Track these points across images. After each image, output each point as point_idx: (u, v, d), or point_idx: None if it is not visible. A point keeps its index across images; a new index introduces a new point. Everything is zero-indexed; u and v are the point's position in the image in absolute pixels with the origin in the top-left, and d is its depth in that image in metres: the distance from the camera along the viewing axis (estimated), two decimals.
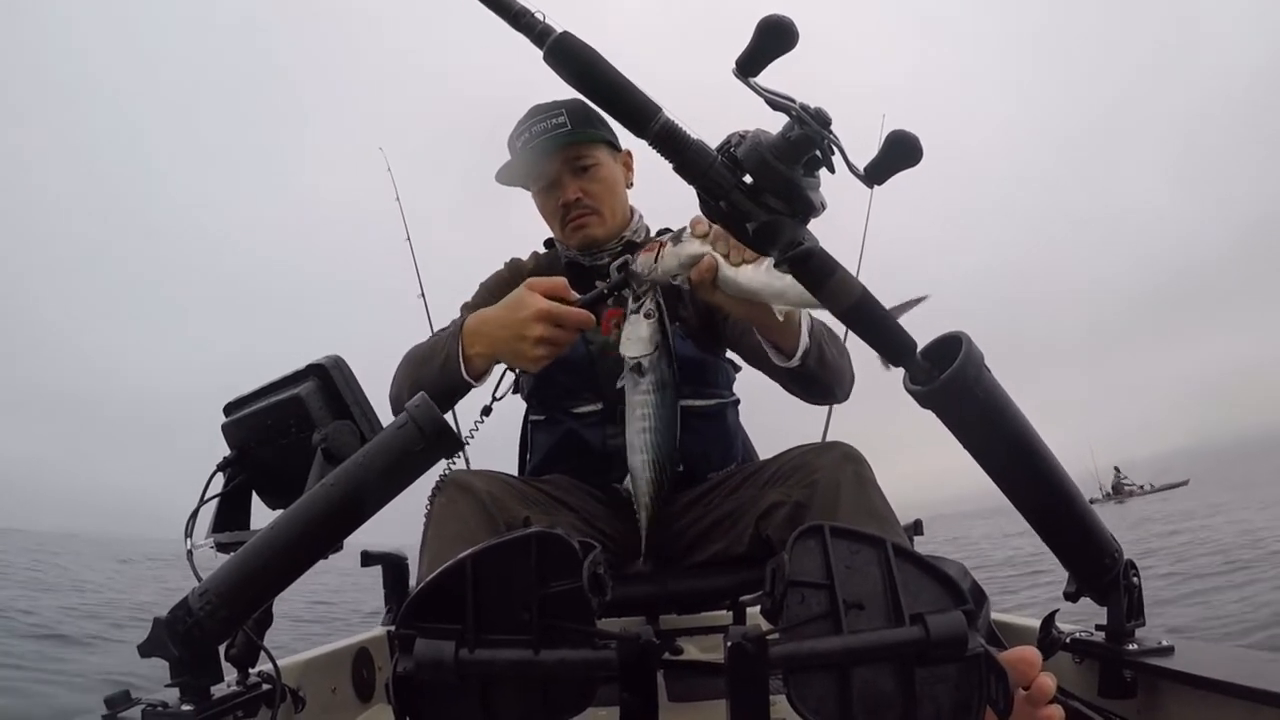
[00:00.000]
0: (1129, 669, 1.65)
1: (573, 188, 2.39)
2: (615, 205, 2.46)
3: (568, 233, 2.44)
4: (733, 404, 2.51)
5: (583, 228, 2.41)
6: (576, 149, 2.37)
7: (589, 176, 2.41)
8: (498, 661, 1.07)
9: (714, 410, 2.40)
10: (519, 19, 1.29)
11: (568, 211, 2.41)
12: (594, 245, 2.43)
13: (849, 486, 1.91)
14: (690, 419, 2.30)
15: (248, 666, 1.79)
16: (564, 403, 2.36)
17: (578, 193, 2.39)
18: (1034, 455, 1.43)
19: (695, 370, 2.35)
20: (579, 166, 2.40)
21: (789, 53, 1.26)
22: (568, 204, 2.40)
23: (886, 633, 1.08)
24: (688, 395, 2.30)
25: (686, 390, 2.29)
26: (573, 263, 2.48)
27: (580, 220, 2.41)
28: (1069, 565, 1.59)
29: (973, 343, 1.34)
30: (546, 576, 1.10)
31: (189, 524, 1.84)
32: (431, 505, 1.91)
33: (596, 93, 1.32)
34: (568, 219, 2.41)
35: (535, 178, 2.45)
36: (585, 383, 2.28)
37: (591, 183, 2.41)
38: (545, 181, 2.43)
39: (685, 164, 1.30)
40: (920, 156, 1.28)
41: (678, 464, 2.03)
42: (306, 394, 1.84)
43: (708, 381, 2.41)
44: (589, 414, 2.32)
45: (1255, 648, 5.46)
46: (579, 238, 2.42)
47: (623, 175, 2.53)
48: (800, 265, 1.31)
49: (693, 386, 2.34)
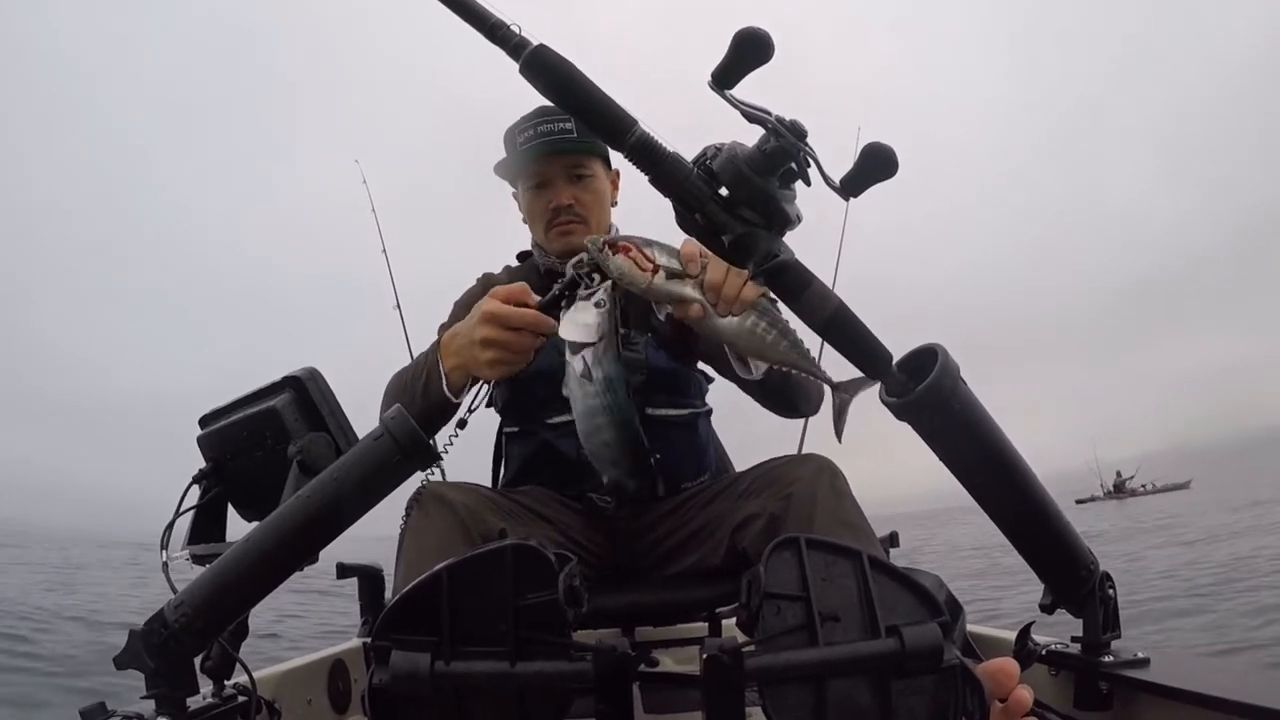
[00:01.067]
0: (1105, 680, 1.66)
1: (566, 193, 2.41)
2: (601, 218, 2.49)
3: (551, 236, 2.45)
4: (705, 414, 2.51)
5: (568, 234, 2.42)
6: (577, 157, 2.40)
7: (583, 185, 2.44)
8: (474, 674, 1.07)
9: (686, 420, 2.40)
10: (495, 32, 1.29)
11: (556, 215, 2.43)
12: (576, 253, 2.40)
13: (825, 498, 1.91)
14: (663, 428, 2.30)
15: (224, 679, 1.79)
16: (538, 414, 2.35)
17: (570, 199, 2.41)
18: (1010, 467, 1.43)
19: (668, 380, 2.37)
20: (575, 174, 2.42)
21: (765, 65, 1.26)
22: (559, 208, 2.42)
23: (862, 645, 1.08)
24: (661, 404, 2.32)
25: (660, 399, 2.32)
26: (551, 270, 2.47)
27: (568, 226, 2.42)
28: (1045, 577, 1.60)
29: (949, 355, 1.35)
30: (522, 588, 1.09)
31: (165, 536, 1.84)
32: (407, 518, 1.91)
33: (572, 105, 1.32)
34: (554, 222, 2.44)
35: (529, 175, 2.46)
36: (558, 393, 2.28)
37: (585, 192, 2.44)
38: (539, 181, 2.45)
39: (661, 176, 1.30)
40: (895, 169, 1.29)
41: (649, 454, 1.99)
42: (282, 406, 1.83)
43: (680, 391, 2.41)
44: (563, 424, 2.29)
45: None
46: (563, 243, 2.43)
47: (610, 192, 2.55)
48: (776, 278, 1.32)
49: (666, 396, 2.35)
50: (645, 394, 2.29)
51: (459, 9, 1.30)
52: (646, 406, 2.29)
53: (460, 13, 1.30)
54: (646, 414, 2.28)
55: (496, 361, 1.75)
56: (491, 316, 1.73)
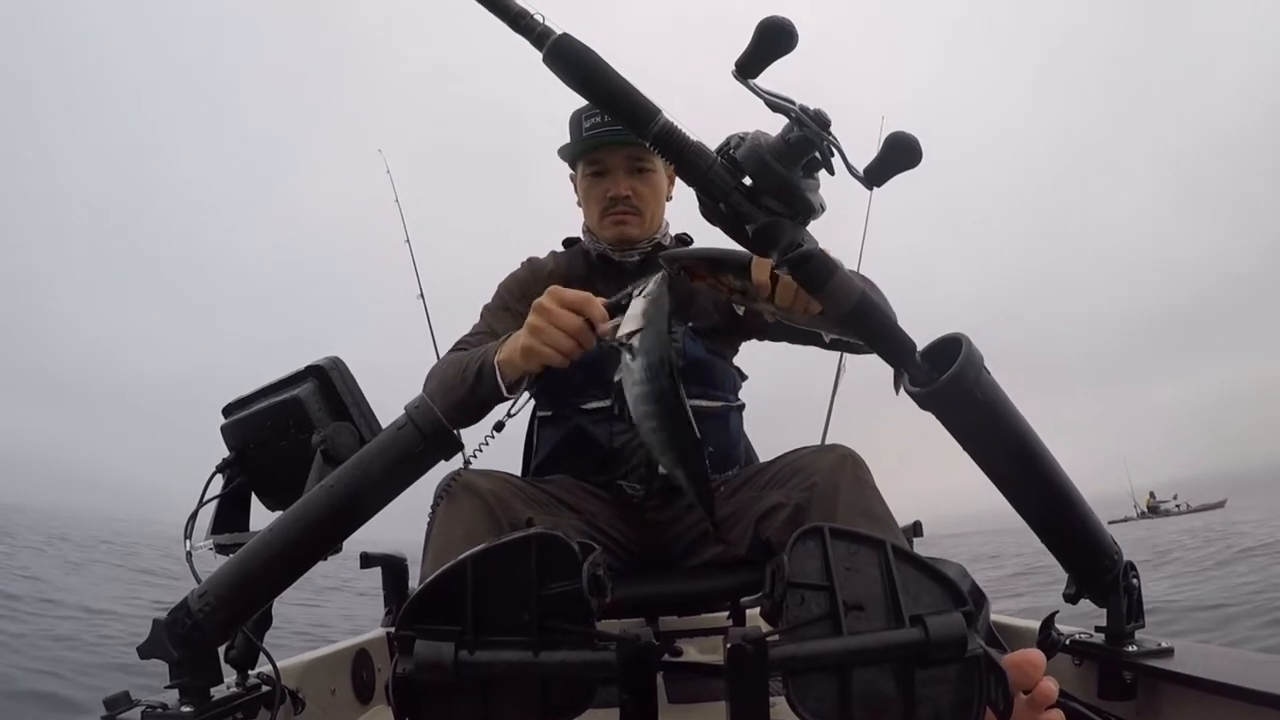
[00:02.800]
0: (1128, 670, 1.65)
1: (625, 184, 2.41)
2: (656, 211, 2.49)
3: (605, 224, 2.46)
4: (738, 408, 2.51)
5: (623, 224, 2.42)
6: (639, 149, 2.39)
7: (642, 178, 2.43)
8: (497, 663, 1.07)
9: (720, 413, 2.40)
10: (518, 21, 1.29)
11: (613, 204, 2.43)
12: (628, 243, 2.45)
13: (848, 488, 1.91)
14: (696, 419, 2.30)
15: (247, 668, 1.79)
16: (573, 398, 2.35)
17: (628, 189, 2.41)
18: (1034, 456, 1.43)
19: (704, 372, 2.37)
20: (637, 166, 2.42)
21: (789, 54, 1.26)
22: (616, 197, 2.42)
23: (886, 634, 1.08)
24: (695, 395, 2.30)
25: (695, 391, 2.30)
26: (603, 256, 2.50)
27: (623, 216, 2.42)
28: (1069, 567, 1.59)
29: (972, 344, 1.34)
30: (546, 578, 1.09)
31: (188, 525, 1.84)
32: (436, 506, 1.91)
33: (596, 94, 1.32)
34: (610, 211, 2.44)
35: (590, 161, 2.46)
36: (595, 378, 2.27)
37: (643, 184, 2.43)
38: (600, 168, 2.44)
39: (684, 165, 1.30)
40: (920, 158, 1.28)
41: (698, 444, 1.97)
42: (305, 395, 1.84)
43: (715, 384, 2.41)
44: (597, 410, 2.32)
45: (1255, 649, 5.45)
46: (616, 232, 2.44)
47: (667, 187, 2.55)
48: (799, 267, 1.31)
49: (700, 387, 2.35)
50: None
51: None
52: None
53: (484, 2, 1.30)
54: None
55: (531, 351, 1.74)
56: (539, 308, 1.73)
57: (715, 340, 2.43)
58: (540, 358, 1.72)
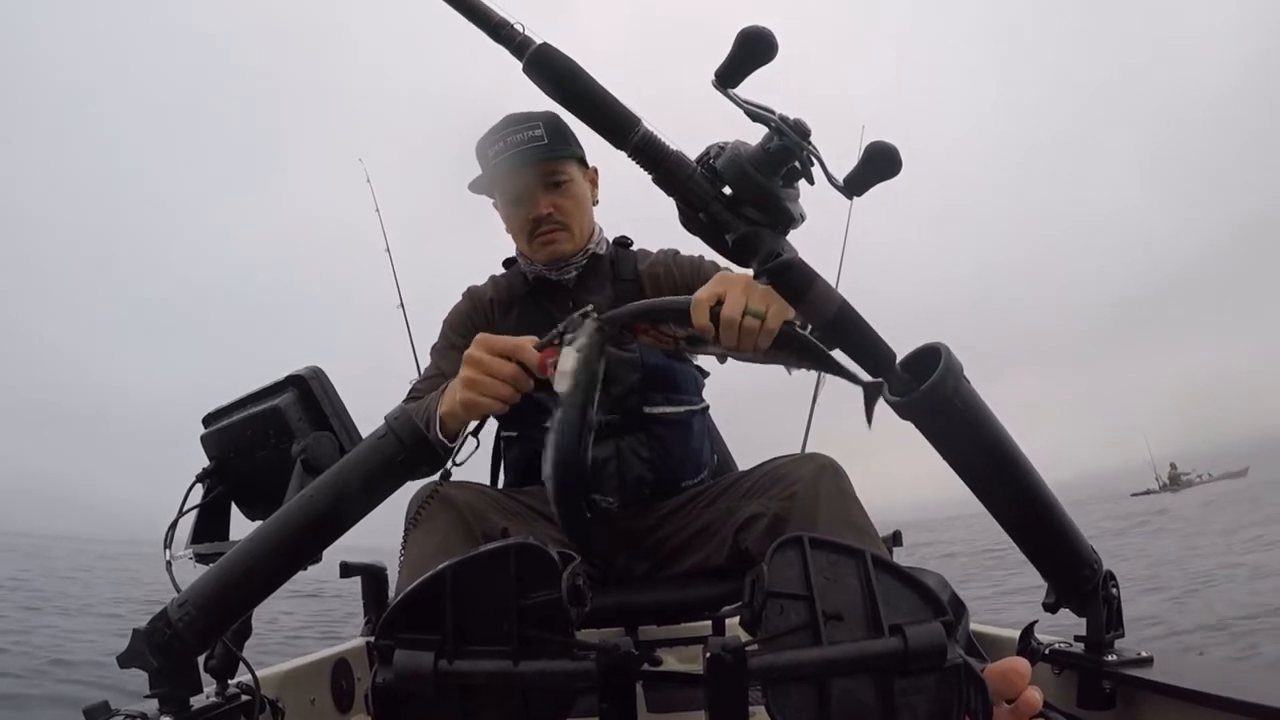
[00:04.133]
0: (1108, 680, 1.66)
1: (544, 203, 2.35)
2: (583, 221, 2.45)
3: (535, 247, 2.41)
4: (701, 411, 2.51)
5: (552, 243, 2.38)
6: (550, 164, 2.35)
7: (561, 192, 2.38)
8: (477, 672, 1.07)
9: (681, 418, 2.39)
10: (498, 30, 1.29)
11: (537, 226, 2.37)
12: (561, 260, 2.41)
13: (828, 498, 1.91)
14: (658, 427, 2.31)
15: (227, 678, 1.79)
16: (533, 418, 2.29)
17: (549, 208, 2.35)
18: (1013, 466, 1.43)
19: (662, 377, 2.36)
20: (551, 182, 2.37)
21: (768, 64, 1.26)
22: (538, 219, 2.36)
23: (866, 644, 1.08)
24: (658, 403, 2.31)
25: (656, 398, 2.32)
26: (540, 278, 2.46)
27: (550, 235, 2.37)
28: (1048, 576, 1.60)
29: (952, 354, 1.34)
30: (525, 588, 1.10)
31: (168, 535, 1.84)
32: (408, 516, 1.90)
33: (576, 104, 1.32)
34: (536, 233, 2.39)
35: (505, 189, 2.41)
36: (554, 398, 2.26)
37: (563, 198, 2.38)
38: (516, 194, 2.39)
39: (664, 175, 1.30)
40: (899, 168, 1.29)
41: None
42: (286, 405, 1.84)
43: (676, 388, 2.40)
44: None
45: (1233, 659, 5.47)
46: (547, 253, 2.40)
47: (590, 192, 2.50)
48: (779, 276, 1.32)
49: (662, 394, 2.35)
50: (641, 392, 2.30)
51: (463, 8, 1.30)
52: (644, 405, 2.30)
53: (464, 12, 1.30)
54: (644, 412, 2.30)
55: (471, 404, 1.67)
56: (472, 361, 1.67)
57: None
58: (480, 408, 1.67)
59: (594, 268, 2.46)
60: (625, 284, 2.46)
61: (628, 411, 2.29)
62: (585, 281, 2.45)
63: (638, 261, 2.52)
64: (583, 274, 2.45)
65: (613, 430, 2.27)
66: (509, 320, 2.42)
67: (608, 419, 2.25)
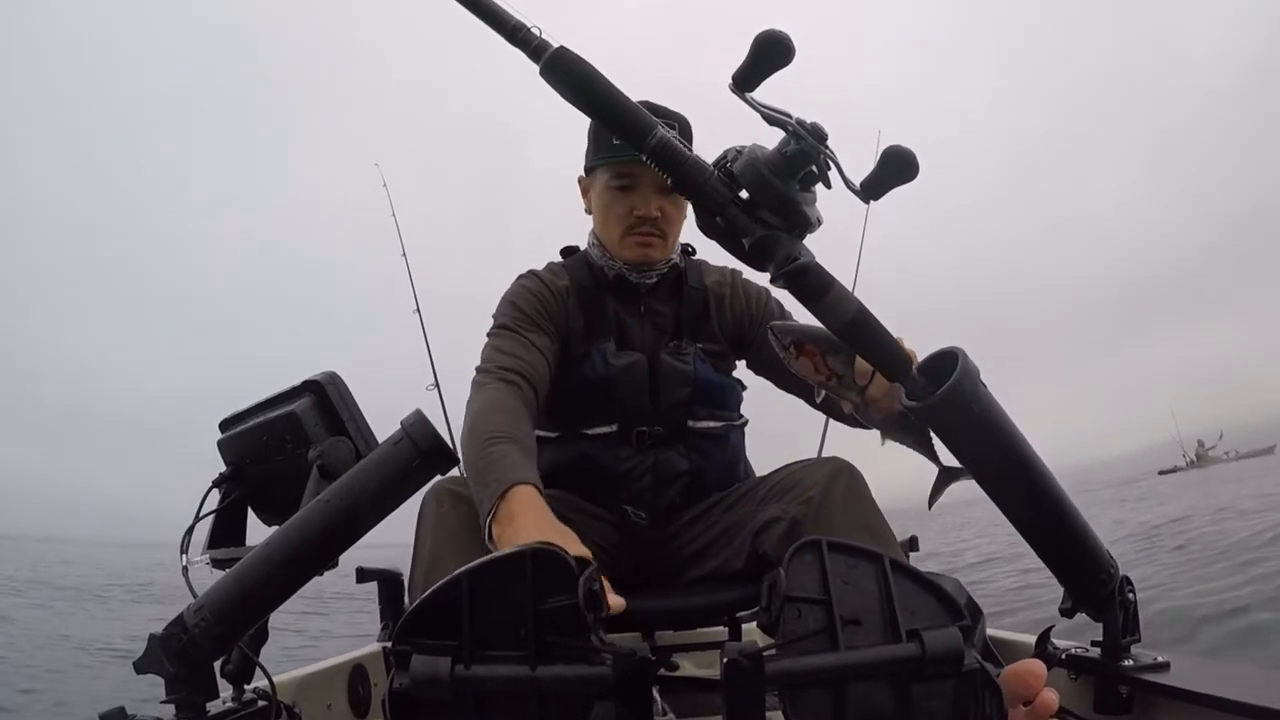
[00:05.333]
0: (1125, 685, 1.65)
1: (655, 203, 2.29)
2: (677, 233, 2.41)
3: (627, 244, 2.35)
4: (740, 426, 2.50)
5: (648, 246, 2.34)
6: None
7: (672, 199, 2.32)
8: (494, 678, 1.07)
9: (721, 432, 2.39)
10: (515, 34, 1.30)
11: (639, 224, 2.31)
12: (648, 265, 2.36)
13: (845, 502, 1.91)
14: (699, 440, 2.31)
15: (243, 683, 1.79)
16: (577, 423, 2.31)
17: (658, 210, 2.30)
18: (1030, 471, 1.43)
19: (710, 393, 2.36)
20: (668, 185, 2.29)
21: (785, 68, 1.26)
22: (644, 217, 2.30)
23: (883, 649, 1.07)
24: (702, 417, 2.32)
25: (701, 412, 2.32)
26: (619, 276, 2.40)
27: (648, 239, 2.33)
28: (1065, 581, 1.59)
29: (968, 358, 1.34)
30: (542, 592, 1.09)
31: (184, 540, 1.84)
32: (422, 513, 1.90)
33: (593, 108, 1.33)
34: (634, 231, 2.33)
35: (619, 174, 2.32)
36: (602, 404, 2.27)
37: (671, 205, 2.33)
38: (628, 182, 2.32)
39: (682, 179, 1.31)
40: (916, 172, 1.29)
41: None
42: (302, 410, 1.84)
43: (720, 404, 2.40)
44: (603, 435, 2.29)
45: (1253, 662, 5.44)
46: (639, 254, 2.35)
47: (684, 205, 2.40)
48: (795, 281, 1.32)
49: (706, 409, 2.35)
50: (689, 406, 2.30)
51: (480, 12, 1.30)
52: (688, 419, 2.31)
53: (481, 15, 1.30)
54: (688, 426, 2.30)
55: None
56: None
57: (721, 361, 2.43)
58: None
59: (668, 276, 2.43)
60: (693, 291, 2.44)
61: (672, 425, 2.30)
62: (656, 289, 2.42)
63: (703, 274, 2.50)
64: (659, 283, 2.42)
65: (655, 442, 2.27)
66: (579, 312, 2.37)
67: (651, 430, 2.25)
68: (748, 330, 2.45)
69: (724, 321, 2.43)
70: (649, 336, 2.36)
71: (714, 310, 2.43)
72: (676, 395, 2.29)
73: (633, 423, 2.25)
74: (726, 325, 2.44)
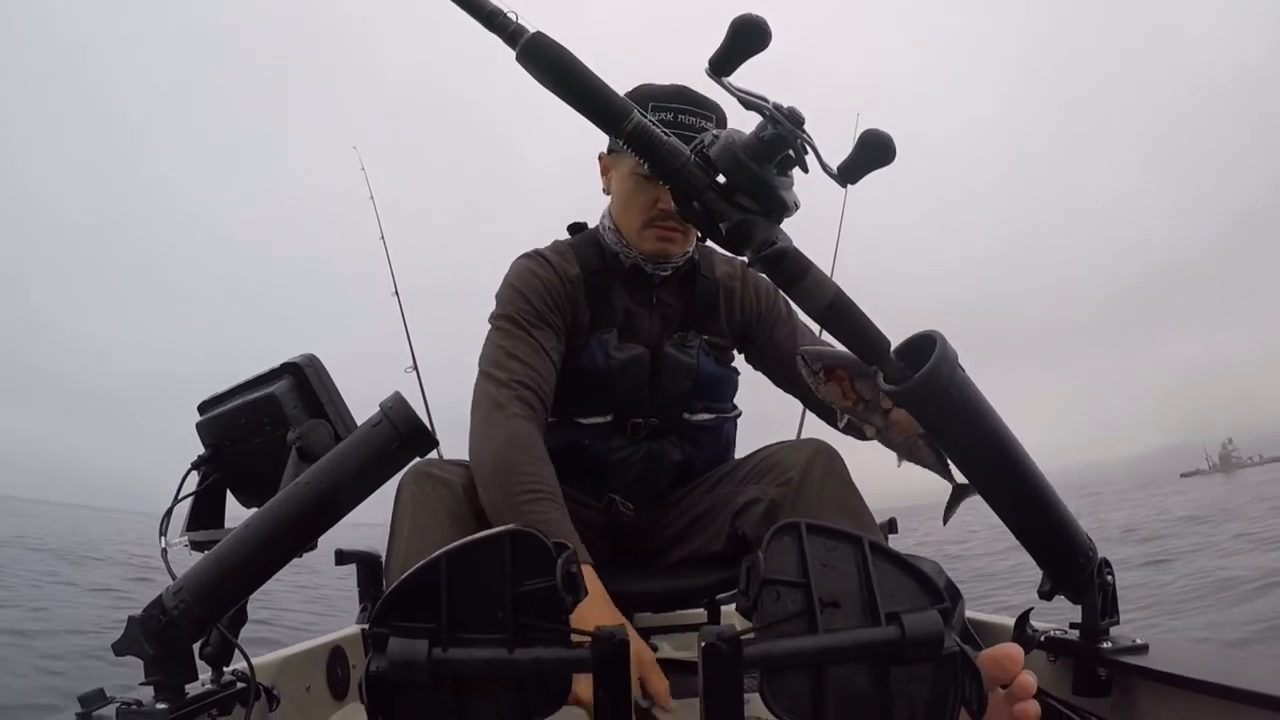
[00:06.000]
0: (1103, 667, 1.66)
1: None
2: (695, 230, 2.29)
3: (647, 236, 2.27)
4: (734, 418, 2.51)
5: (669, 241, 2.27)
6: None
7: None
8: (472, 660, 1.07)
9: (716, 424, 2.41)
10: (492, 19, 1.29)
11: (662, 217, 2.23)
12: (665, 260, 2.31)
13: (825, 483, 1.92)
14: (694, 432, 2.32)
15: (222, 665, 1.79)
16: (573, 412, 2.30)
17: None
18: (1008, 453, 1.43)
19: (710, 386, 2.36)
20: None
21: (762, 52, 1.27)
22: (669, 211, 2.19)
23: (862, 631, 1.07)
24: (699, 410, 2.34)
25: (697, 405, 2.33)
26: (635, 265, 2.34)
27: (670, 234, 2.26)
28: (1043, 563, 1.60)
29: (946, 342, 1.34)
30: (520, 575, 1.09)
31: (163, 522, 1.84)
32: (400, 494, 1.90)
33: (569, 93, 1.32)
34: (656, 223, 2.25)
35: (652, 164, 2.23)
36: (600, 395, 2.26)
37: None
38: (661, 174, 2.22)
39: (659, 163, 1.31)
40: (893, 156, 1.29)
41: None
42: (281, 392, 1.83)
43: (717, 397, 2.41)
44: (594, 425, 2.29)
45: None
46: (659, 248, 2.28)
47: None
48: (773, 265, 1.32)
49: (704, 402, 2.36)
50: (687, 399, 2.31)
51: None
52: (685, 412, 2.32)
53: (458, 1, 1.30)
54: (684, 419, 2.31)
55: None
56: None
57: (722, 353, 2.43)
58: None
59: (682, 268, 2.40)
60: (706, 282, 2.41)
61: (669, 417, 2.30)
62: (669, 281, 2.39)
63: (715, 264, 2.47)
64: (673, 274, 2.38)
65: (649, 433, 2.28)
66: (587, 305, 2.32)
67: (647, 422, 2.25)
68: (755, 328, 2.45)
69: (733, 317, 2.43)
70: (655, 327, 2.35)
71: (723, 304, 2.42)
72: (677, 388, 2.29)
73: (628, 414, 2.26)
74: (735, 321, 2.43)
